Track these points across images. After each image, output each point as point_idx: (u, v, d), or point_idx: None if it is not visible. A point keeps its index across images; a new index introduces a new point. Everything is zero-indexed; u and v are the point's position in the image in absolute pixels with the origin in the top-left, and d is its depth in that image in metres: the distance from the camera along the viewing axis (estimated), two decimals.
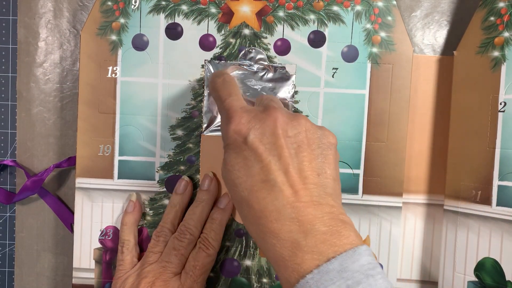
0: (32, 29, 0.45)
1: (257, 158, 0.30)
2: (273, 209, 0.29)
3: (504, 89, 0.39)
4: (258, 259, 0.43)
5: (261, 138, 0.31)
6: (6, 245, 0.47)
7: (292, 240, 0.28)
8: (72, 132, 0.45)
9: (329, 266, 0.27)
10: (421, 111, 0.43)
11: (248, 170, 0.31)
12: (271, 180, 0.30)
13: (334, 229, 0.28)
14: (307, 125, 0.32)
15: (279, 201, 0.29)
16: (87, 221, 0.43)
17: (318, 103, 0.42)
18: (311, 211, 0.29)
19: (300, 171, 0.30)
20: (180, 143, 0.43)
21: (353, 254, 0.27)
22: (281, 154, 0.30)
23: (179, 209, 0.42)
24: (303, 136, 0.31)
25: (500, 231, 0.39)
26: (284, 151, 0.30)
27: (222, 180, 0.42)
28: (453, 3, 0.43)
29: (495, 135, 0.39)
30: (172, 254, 0.39)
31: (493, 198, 0.39)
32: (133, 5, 0.42)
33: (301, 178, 0.30)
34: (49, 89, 0.45)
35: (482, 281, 0.40)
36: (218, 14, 0.42)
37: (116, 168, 0.43)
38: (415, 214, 0.44)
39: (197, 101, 0.43)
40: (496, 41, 0.39)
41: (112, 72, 0.43)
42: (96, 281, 0.44)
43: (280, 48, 0.42)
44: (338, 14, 0.42)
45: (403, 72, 0.42)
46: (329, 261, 0.27)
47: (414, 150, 0.43)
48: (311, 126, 0.32)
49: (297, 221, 0.29)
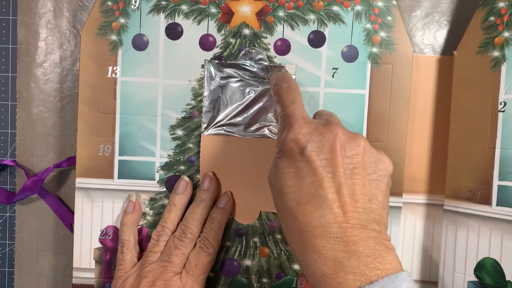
0: (32, 29, 0.45)
1: (311, 171, 0.30)
2: (319, 225, 0.29)
3: (504, 89, 0.39)
4: (258, 259, 0.43)
5: (319, 152, 0.30)
6: (6, 245, 0.47)
7: (335, 259, 0.28)
8: (72, 132, 0.45)
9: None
10: (421, 111, 0.43)
11: (299, 181, 0.30)
12: (321, 196, 0.30)
13: (377, 253, 0.29)
14: (366, 147, 0.31)
15: (326, 218, 0.29)
16: (87, 221, 0.43)
17: (318, 103, 0.42)
18: (357, 233, 0.29)
19: (352, 193, 0.30)
20: (180, 143, 0.43)
21: (395, 279, 0.28)
22: (336, 172, 0.30)
23: (179, 209, 0.42)
24: (360, 158, 0.31)
25: (500, 231, 0.39)
26: (340, 170, 0.30)
27: (223, 177, 0.43)
28: (453, 3, 0.43)
29: (495, 135, 0.39)
30: (172, 253, 0.40)
31: (493, 198, 0.39)
32: (133, 5, 0.42)
33: (352, 201, 0.30)
34: (49, 89, 0.45)
35: (482, 281, 0.40)
36: (218, 14, 0.42)
37: (116, 168, 0.43)
38: (415, 214, 0.44)
39: (197, 101, 0.43)
40: (496, 41, 0.39)
41: (112, 72, 0.43)
42: (96, 281, 0.44)
43: (280, 48, 0.42)
44: (338, 14, 0.42)
45: (403, 72, 0.42)
46: (371, 284, 0.27)
47: (414, 150, 0.43)
48: (369, 149, 0.32)
49: (342, 241, 0.29)
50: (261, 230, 0.43)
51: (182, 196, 0.42)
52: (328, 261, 0.29)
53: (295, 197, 0.30)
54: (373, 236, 0.29)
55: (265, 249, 0.43)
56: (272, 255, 0.43)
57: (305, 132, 0.31)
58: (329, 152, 0.30)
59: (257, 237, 0.43)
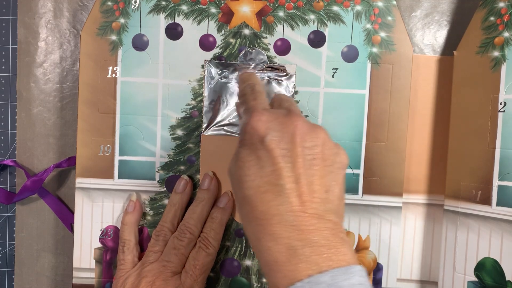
0: (32, 29, 0.45)
1: (270, 160, 0.30)
2: (277, 213, 0.29)
3: (504, 89, 0.39)
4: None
5: (279, 142, 0.31)
6: (6, 245, 0.47)
7: (289, 247, 0.29)
8: (72, 132, 0.45)
9: (320, 278, 0.27)
10: (421, 111, 0.43)
11: (258, 170, 0.31)
12: (280, 185, 0.30)
13: (332, 244, 0.29)
14: (325, 139, 0.32)
15: (283, 207, 0.29)
16: (87, 221, 0.43)
17: (318, 103, 0.42)
18: (314, 222, 0.29)
19: (310, 183, 0.30)
20: (180, 143, 0.43)
21: (346, 271, 0.28)
22: (295, 162, 0.30)
23: (179, 208, 0.42)
24: (320, 150, 0.31)
25: (500, 231, 0.39)
26: (299, 160, 0.30)
27: (223, 177, 0.43)
28: (453, 3, 0.43)
29: (495, 135, 0.39)
30: (172, 253, 0.40)
31: (493, 198, 0.39)
32: (133, 5, 0.42)
33: (310, 191, 0.30)
34: (49, 89, 0.45)
35: (482, 281, 0.40)
36: (218, 14, 0.42)
37: (116, 168, 0.43)
38: (415, 214, 0.44)
39: (197, 101, 0.43)
40: (496, 41, 0.39)
41: (112, 72, 0.43)
42: (96, 280, 0.44)
43: (280, 48, 0.42)
44: (338, 14, 0.42)
45: (403, 72, 0.42)
46: (322, 273, 0.27)
47: (414, 150, 0.43)
48: (328, 141, 0.32)
49: (298, 230, 0.29)
50: None
51: (182, 196, 0.42)
52: (283, 248, 0.29)
53: (254, 185, 0.30)
54: (329, 226, 0.29)
55: None
56: None
57: (265, 120, 0.31)
58: (289, 142, 0.31)
59: None
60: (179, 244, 0.40)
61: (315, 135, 0.31)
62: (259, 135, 0.31)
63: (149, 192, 0.43)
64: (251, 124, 0.31)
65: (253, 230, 0.30)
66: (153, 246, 0.41)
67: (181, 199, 0.42)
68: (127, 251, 0.41)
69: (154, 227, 0.43)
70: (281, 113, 0.32)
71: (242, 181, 0.31)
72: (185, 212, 0.42)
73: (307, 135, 0.31)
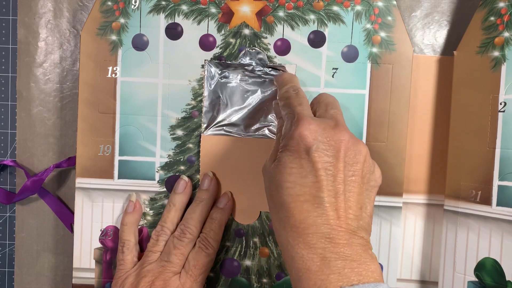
0: (32, 29, 0.45)
1: (313, 171, 0.31)
2: (313, 223, 0.30)
3: (504, 89, 0.39)
4: (258, 259, 0.43)
5: (323, 154, 0.31)
6: (6, 245, 0.47)
7: (323, 257, 0.30)
8: (72, 132, 0.45)
9: None
10: (421, 111, 0.43)
11: (299, 178, 0.31)
12: (320, 197, 0.31)
13: (363, 260, 0.30)
14: (366, 157, 0.33)
15: (321, 219, 0.30)
16: (87, 221, 0.43)
17: None
18: (347, 237, 0.30)
19: (347, 199, 0.31)
20: (180, 143, 0.43)
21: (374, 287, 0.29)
22: (336, 176, 0.31)
23: (178, 209, 0.42)
24: (360, 167, 0.32)
25: (500, 231, 0.39)
26: (340, 175, 0.31)
27: (223, 177, 0.43)
28: (453, 3, 0.43)
29: (495, 135, 0.39)
30: (172, 253, 0.40)
31: (493, 198, 0.39)
32: (133, 5, 0.42)
33: (346, 207, 0.31)
34: (49, 89, 0.45)
35: (482, 281, 0.40)
36: (218, 14, 0.42)
37: (116, 168, 0.43)
38: (415, 214, 0.44)
39: (197, 101, 0.43)
40: (496, 41, 0.39)
41: (112, 72, 0.43)
42: (96, 281, 0.44)
43: (280, 48, 0.42)
44: (338, 14, 0.42)
45: (403, 72, 0.42)
46: (352, 286, 0.28)
47: (414, 150, 0.43)
48: (368, 158, 0.33)
49: (332, 242, 0.30)
50: (261, 230, 0.43)
51: (181, 196, 0.42)
52: (316, 258, 0.30)
53: (293, 192, 0.31)
54: (360, 243, 0.31)
55: (265, 249, 0.43)
56: (272, 255, 0.43)
57: (313, 129, 0.32)
58: (333, 156, 0.31)
59: (257, 237, 0.43)
60: (178, 244, 0.40)
61: (358, 152, 0.32)
62: (305, 144, 0.31)
63: (149, 192, 0.43)
64: (299, 131, 0.32)
65: (287, 236, 0.31)
66: (153, 246, 0.41)
67: (180, 200, 0.42)
68: (127, 251, 0.41)
69: (154, 227, 0.43)
70: (329, 125, 0.33)
71: (281, 186, 0.32)
72: (185, 212, 0.42)
73: (350, 150, 0.32)
